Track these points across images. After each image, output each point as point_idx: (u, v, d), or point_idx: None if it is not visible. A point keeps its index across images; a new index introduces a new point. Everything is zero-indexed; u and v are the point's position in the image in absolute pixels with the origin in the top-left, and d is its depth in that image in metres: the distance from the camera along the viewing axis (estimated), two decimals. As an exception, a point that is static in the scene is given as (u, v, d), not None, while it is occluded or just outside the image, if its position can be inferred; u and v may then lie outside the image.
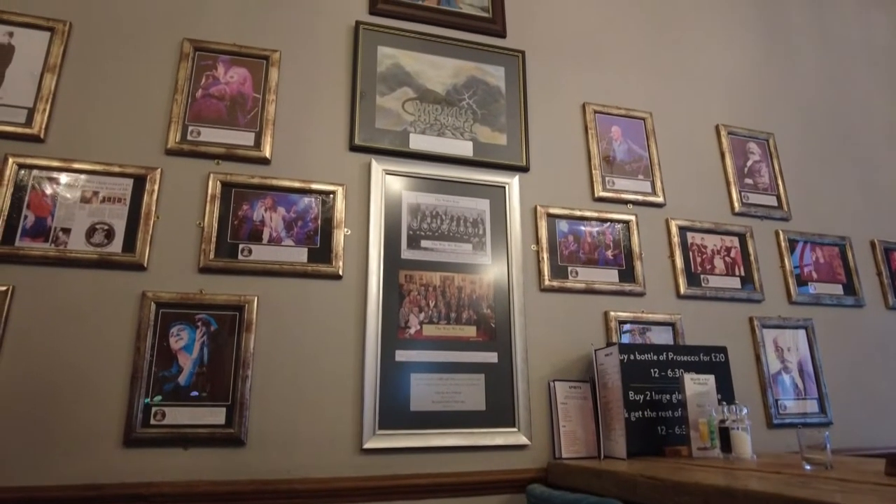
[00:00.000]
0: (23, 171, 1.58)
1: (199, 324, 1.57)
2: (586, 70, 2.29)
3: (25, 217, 1.54)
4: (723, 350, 1.82)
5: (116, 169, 1.63)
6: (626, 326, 1.95)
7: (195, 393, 1.51)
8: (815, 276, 2.31)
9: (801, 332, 2.19)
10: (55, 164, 1.60)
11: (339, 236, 1.74)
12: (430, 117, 1.98)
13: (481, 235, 1.89)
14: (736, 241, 2.23)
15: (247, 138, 1.77)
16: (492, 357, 1.76)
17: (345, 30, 2.01)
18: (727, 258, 2.19)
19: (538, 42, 2.25)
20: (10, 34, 1.69)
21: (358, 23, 2.00)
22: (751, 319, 2.14)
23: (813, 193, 2.47)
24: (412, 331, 1.72)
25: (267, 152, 1.76)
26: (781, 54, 2.70)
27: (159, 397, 1.48)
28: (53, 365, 1.46)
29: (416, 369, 1.69)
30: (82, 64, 1.72)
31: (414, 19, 2.09)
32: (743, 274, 2.19)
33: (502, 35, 2.19)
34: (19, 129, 1.61)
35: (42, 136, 1.62)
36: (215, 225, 1.65)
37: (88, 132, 1.66)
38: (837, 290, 2.33)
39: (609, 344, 1.87)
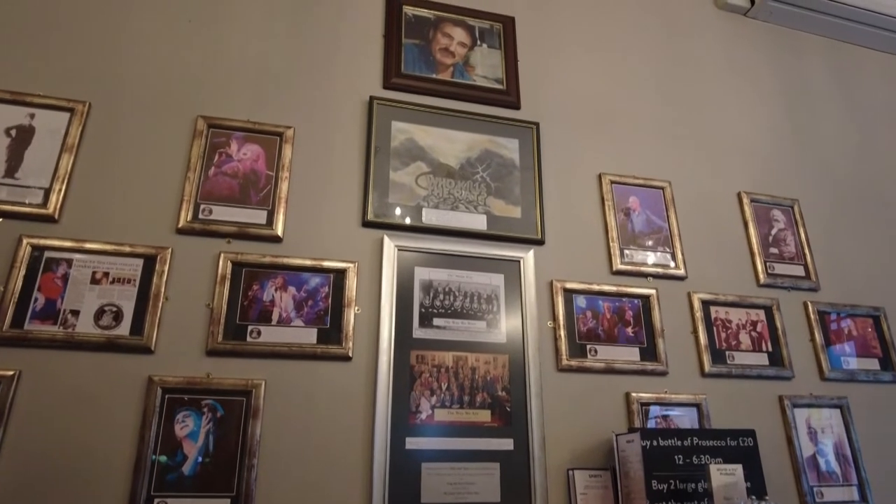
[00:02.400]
0: (36, 253, 1.63)
1: (206, 410, 1.58)
2: (602, 139, 2.33)
3: (35, 299, 1.59)
4: (751, 434, 1.78)
5: (127, 249, 1.68)
6: (650, 409, 1.92)
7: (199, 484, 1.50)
8: (847, 350, 2.27)
9: (836, 412, 2.14)
10: (68, 244, 1.65)
11: (350, 315, 1.76)
12: (443, 191, 2.02)
13: (495, 312, 1.90)
14: (762, 314, 2.21)
15: (259, 216, 1.81)
16: (507, 444, 1.74)
17: (359, 105, 2.08)
18: (753, 333, 2.17)
19: (552, 112, 2.30)
20: (32, 115, 1.78)
21: (372, 98, 2.07)
22: (780, 398, 2.10)
23: (842, 261, 2.45)
24: (423, 416, 1.72)
25: (279, 230, 1.80)
26: (804, 118, 2.73)
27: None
28: (56, 451, 1.47)
29: (427, 458, 1.67)
30: (99, 143, 1.80)
31: (428, 93, 2.16)
32: (770, 349, 2.16)
33: (516, 107, 2.25)
34: (35, 210, 1.67)
35: (56, 216, 1.67)
36: (224, 306, 1.68)
37: (102, 211, 1.72)
38: (873, 364, 2.29)
39: (631, 429, 1.84)
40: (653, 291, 2.09)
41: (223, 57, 2.02)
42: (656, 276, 2.14)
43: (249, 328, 1.69)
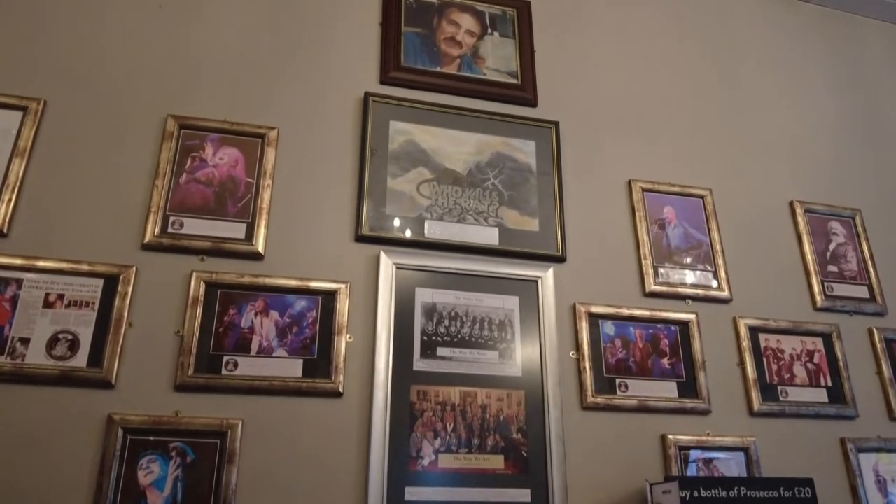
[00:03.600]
0: (-20, 272, 1.64)
1: (174, 454, 1.57)
2: (631, 141, 2.33)
3: (-21, 326, 1.59)
4: (808, 483, 1.75)
5: (85, 267, 1.69)
6: (690, 454, 1.91)
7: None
8: (921, 385, 2.25)
9: (908, 458, 2.12)
10: (17, 261, 1.66)
11: (341, 344, 1.76)
12: (448, 201, 2.02)
13: (509, 340, 1.89)
14: (820, 342, 2.20)
15: (237, 230, 1.82)
16: (523, 495, 1.73)
17: (352, 102, 2.09)
18: (810, 364, 2.15)
19: (574, 111, 2.31)
20: (-21, 115, 1.80)
21: (367, 94, 2.08)
22: (842, 442, 2.07)
23: (913, 281, 2.44)
24: (426, 462, 1.70)
25: (260, 246, 1.81)
26: (866, 116, 2.74)
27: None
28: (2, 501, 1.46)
29: (430, 511, 1.66)
30: (54, 146, 1.81)
31: (431, 88, 2.17)
32: (830, 384, 2.15)
33: (533, 104, 2.26)
34: (-21, 224, 1.68)
35: (4, 229, 1.68)
36: (196, 333, 1.68)
37: (57, 224, 1.73)
38: (952, 402, 2.26)
39: (668, 478, 1.82)
40: (692, 316, 2.08)
41: (197, 48, 2.04)
42: (696, 299, 2.12)
43: (225, 359, 1.68)
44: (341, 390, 1.72)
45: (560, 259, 2.04)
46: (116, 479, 1.52)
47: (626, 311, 2.03)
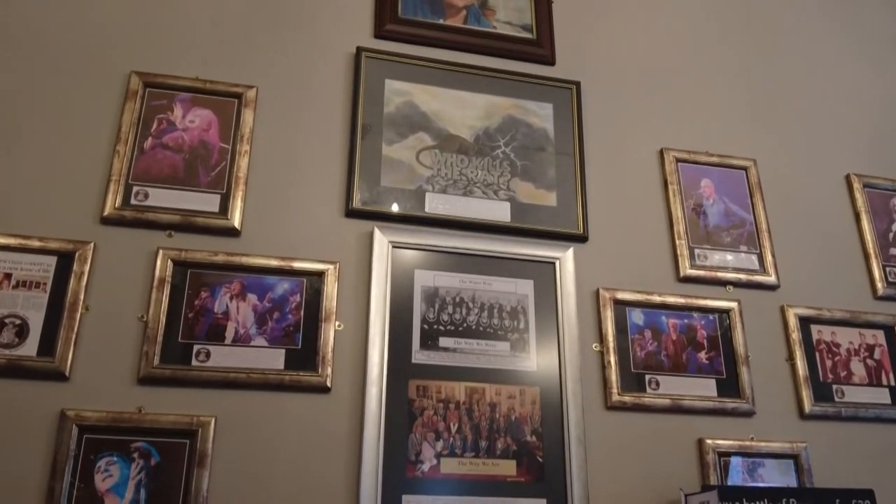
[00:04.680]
0: (-84, 248, 1.63)
1: (136, 455, 1.56)
2: (663, 105, 2.32)
3: (-85, 309, 1.59)
4: (868, 495, 1.73)
5: (36, 243, 1.68)
6: (731, 461, 1.89)
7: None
8: None
9: (984, 468, 2.09)
10: (-42, 237, 1.66)
11: (329, 332, 1.75)
12: (453, 171, 2.01)
13: (522, 331, 1.88)
14: (881, 335, 2.18)
15: (210, 202, 1.81)
16: (539, 506, 1.72)
17: (342, 59, 2.08)
18: (869, 360, 2.14)
19: (598, 70, 2.30)
20: (-86, 71, 1.79)
21: (359, 49, 2.07)
22: (907, 449, 2.06)
23: None
24: (426, 466, 1.69)
25: (236, 221, 1.80)
26: (932, 79, 2.71)
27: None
28: (-62, 511, 1.46)
29: (431, 522, 1.65)
30: (1, 108, 1.81)
31: (432, 44, 2.17)
32: (893, 383, 2.13)
33: (550, 62, 2.25)
34: (-85, 193, 1.67)
35: (-56, 201, 1.68)
36: (163, 319, 1.67)
37: (3, 195, 1.72)
38: None
39: (705, 487, 1.80)
40: (734, 304, 2.07)
41: (165, -4, 2.04)
42: (738, 285, 2.11)
43: (196, 348, 1.67)
44: (329, 385, 1.71)
45: (581, 238, 2.03)
46: (70, 483, 1.50)
47: (657, 298, 2.02)
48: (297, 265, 1.80)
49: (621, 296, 2.00)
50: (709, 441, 1.90)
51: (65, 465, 1.51)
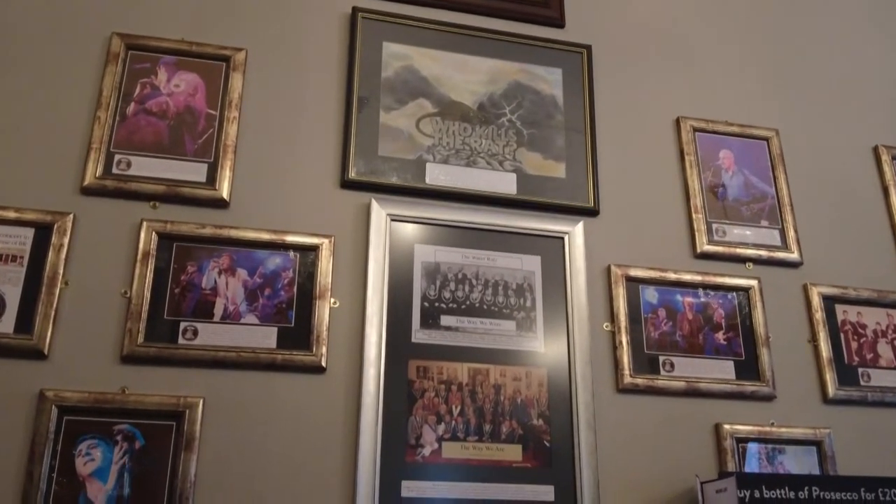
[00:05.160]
0: None
1: (119, 438, 1.56)
2: (680, 71, 2.31)
3: None
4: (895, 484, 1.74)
5: (12, 215, 1.68)
6: (750, 448, 1.90)
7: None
8: None
9: None
10: (-71, 208, 1.66)
11: (324, 310, 1.75)
12: (455, 140, 2.01)
13: (529, 309, 1.88)
14: (910, 315, 2.19)
15: (196, 171, 1.81)
16: (546, 493, 1.72)
17: (337, 19, 2.07)
18: (898, 342, 2.15)
19: (610, 33, 2.29)
20: None
21: (355, 10, 2.06)
22: (938, 435, 2.06)
23: None
24: (427, 451, 1.70)
25: (224, 191, 1.80)
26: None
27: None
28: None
29: (432, 509, 1.66)
30: (-25, 71, 1.80)
31: (434, 4, 2.15)
32: (923, 367, 2.13)
33: (559, 24, 2.24)
34: None
35: (-86, 169, 1.68)
36: (147, 295, 1.67)
37: (-23, 164, 1.72)
38: None
39: (722, 474, 1.80)
40: (754, 282, 2.07)
41: (148, -47, 2.03)
42: (759, 262, 2.11)
43: (182, 326, 1.68)
44: (324, 365, 1.71)
45: (592, 212, 2.03)
46: (50, 468, 1.51)
47: (672, 275, 2.02)
48: (290, 239, 1.79)
49: (634, 273, 1.99)
50: (726, 426, 1.90)
51: (44, 448, 1.51)
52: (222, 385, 1.65)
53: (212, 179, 1.81)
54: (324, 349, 1.72)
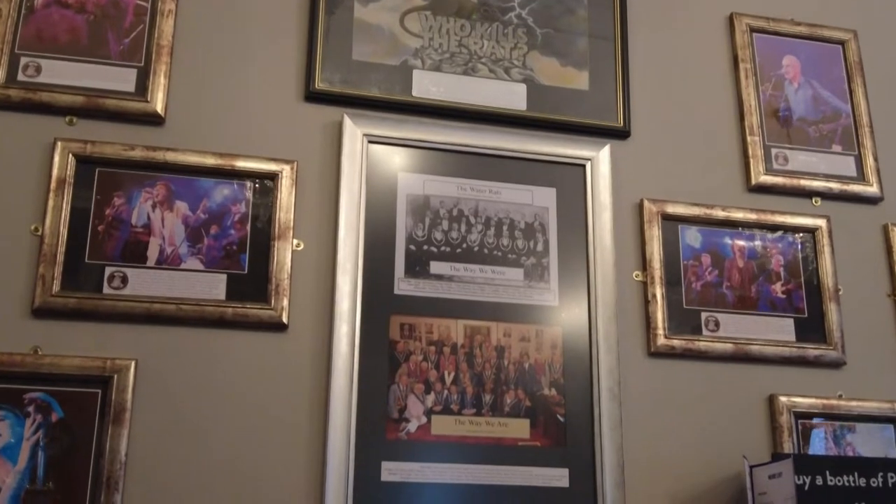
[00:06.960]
0: None
1: (31, 409, 1.57)
2: (736, -46, 2.30)
3: None
4: None
5: None
6: (813, 422, 1.92)
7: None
8: None
9: None
10: None
11: (285, 253, 1.75)
12: (450, 41, 2.00)
13: (541, 254, 1.89)
14: None
15: (123, 78, 1.80)
16: (559, 477, 1.75)
17: None
18: None
19: None
20: None
21: None
22: None
23: None
24: (413, 426, 1.72)
25: (158, 104, 1.79)
26: None
27: None
28: None
29: (419, 497, 1.67)
30: None
31: None
32: None
33: None
34: None
35: None
36: (64, 232, 1.67)
37: None
38: None
39: (777, 456, 1.83)
40: (822, 222, 2.08)
41: None
42: (829, 196, 2.12)
43: (108, 272, 1.68)
44: (285, 321, 1.72)
45: (621, 133, 2.04)
46: (-53, 446, 1.53)
47: (720, 213, 2.03)
48: (241, 164, 1.79)
49: (672, 209, 2.00)
50: (783, 398, 1.92)
51: (-62, 420, 1.54)
52: (158, 345, 1.66)
53: (142, 89, 1.80)
54: (285, 302, 1.72)
